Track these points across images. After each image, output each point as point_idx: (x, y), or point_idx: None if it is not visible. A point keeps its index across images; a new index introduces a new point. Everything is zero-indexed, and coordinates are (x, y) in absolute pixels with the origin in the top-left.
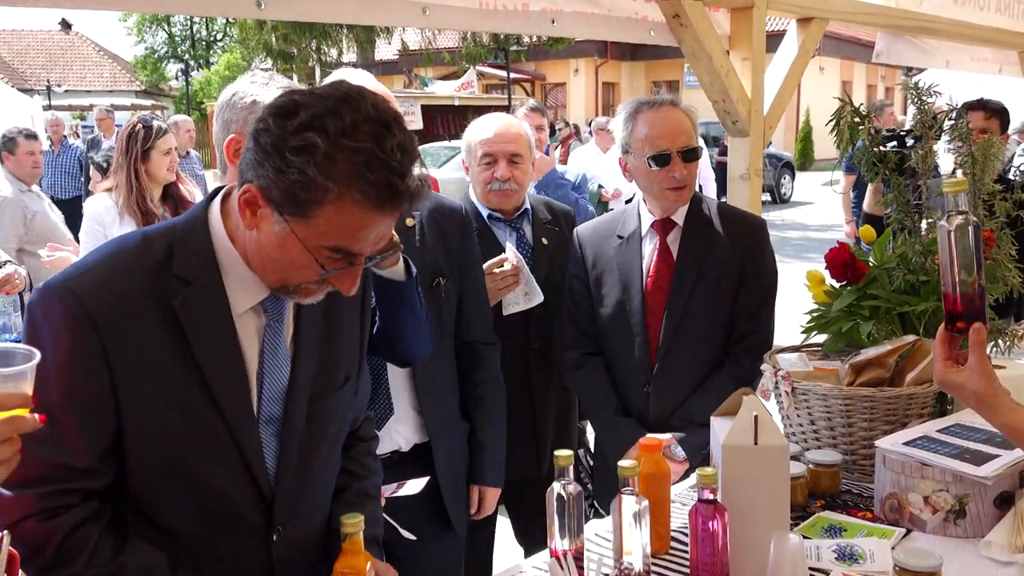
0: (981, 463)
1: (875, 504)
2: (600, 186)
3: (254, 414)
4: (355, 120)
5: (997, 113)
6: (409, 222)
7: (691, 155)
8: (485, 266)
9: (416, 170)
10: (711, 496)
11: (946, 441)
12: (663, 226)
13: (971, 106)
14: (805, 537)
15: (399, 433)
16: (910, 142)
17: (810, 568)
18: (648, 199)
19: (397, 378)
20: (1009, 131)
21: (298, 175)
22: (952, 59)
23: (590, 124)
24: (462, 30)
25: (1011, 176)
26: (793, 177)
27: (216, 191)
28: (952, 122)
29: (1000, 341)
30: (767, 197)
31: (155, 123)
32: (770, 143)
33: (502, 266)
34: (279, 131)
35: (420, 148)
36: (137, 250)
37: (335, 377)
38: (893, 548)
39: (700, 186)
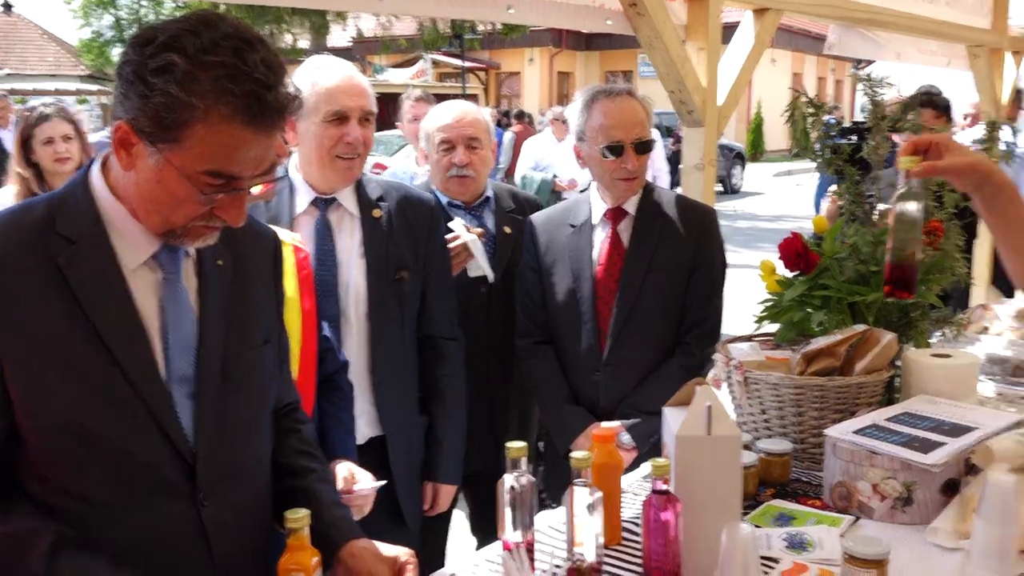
0: (928, 451)
1: (824, 492)
2: (555, 176)
3: (159, 372)
4: (214, 38)
5: (945, 111)
6: (376, 213)
7: (644, 147)
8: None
9: (288, 88)
10: (664, 487)
11: (894, 429)
12: (615, 215)
13: (921, 103)
14: (756, 526)
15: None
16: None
17: (761, 557)
18: (600, 188)
19: (354, 371)
20: (955, 119)
21: (161, 96)
22: (903, 52)
23: (543, 114)
24: (418, 16)
25: None
26: (744, 168)
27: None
28: (905, 115)
29: (946, 331)
30: (718, 187)
31: (39, 110)
32: (722, 133)
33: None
34: (139, 58)
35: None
36: (14, 214)
37: (250, 335)
38: (842, 536)
39: (654, 176)
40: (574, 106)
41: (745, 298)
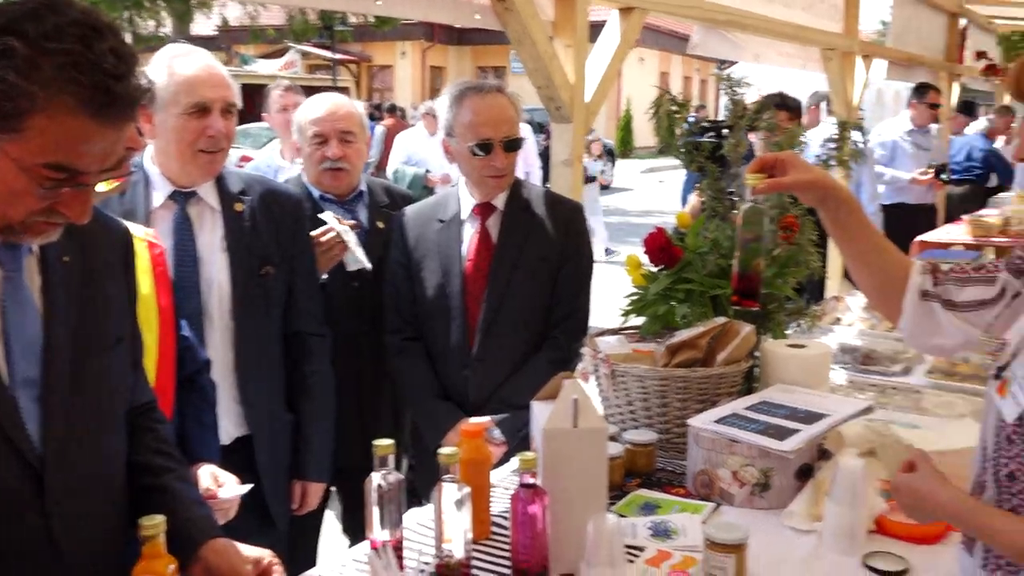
0: (784, 438)
1: (688, 480)
2: (427, 171)
3: (1, 375)
4: (59, 23)
5: (797, 111)
6: (239, 207)
7: (513, 145)
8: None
9: (140, 79)
10: (531, 480)
11: (752, 418)
12: (483, 210)
13: (776, 105)
14: (621, 515)
15: (219, 426)
16: (723, 132)
17: (627, 546)
18: (468, 184)
19: (218, 370)
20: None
21: None
22: (761, 54)
23: (416, 108)
24: (286, 6)
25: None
26: (614, 164)
27: None
28: (760, 115)
29: (801, 322)
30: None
31: None
32: (593, 130)
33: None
34: None
35: (241, 128)
36: None
37: (101, 335)
38: (704, 522)
39: (527, 172)
40: (442, 101)
41: (615, 292)
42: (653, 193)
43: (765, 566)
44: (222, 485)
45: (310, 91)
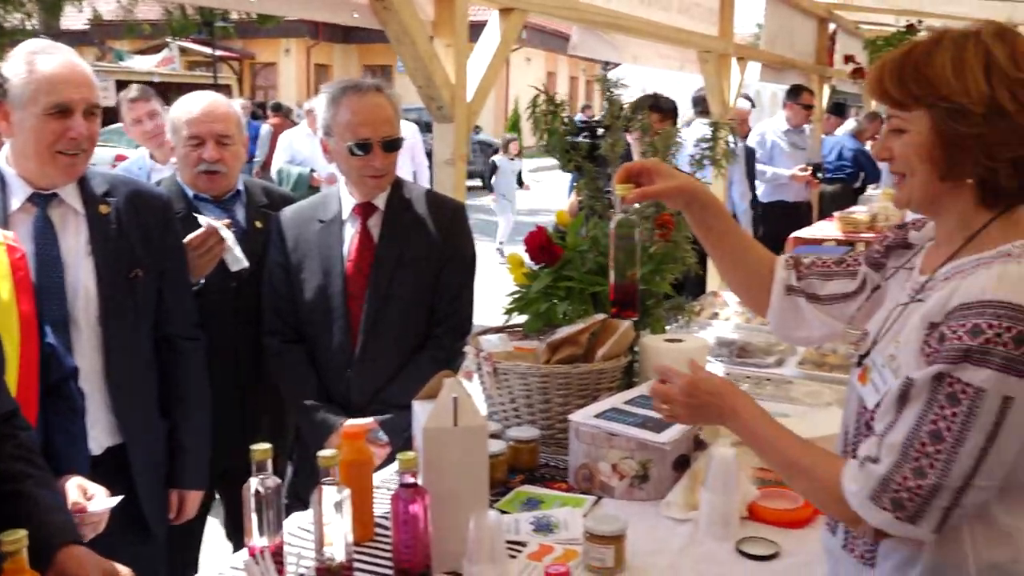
0: (661, 430)
1: (570, 475)
2: (312, 170)
3: None
4: None
5: (670, 113)
6: (104, 209)
7: (392, 145)
8: (185, 241)
9: None
10: (411, 480)
11: (631, 411)
12: (364, 210)
13: (650, 106)
14: (504, 512)
15: (90, 436)
16: (600, 132)
17: (509, 541)
18: (348, 184)
19: (87, 378)
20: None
21: None
22: (639, 55)
23: (301, 107)
24: (160, 1)
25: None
26: None
27: None
28: (635, 116)
29: (679, 317)
30: (478, 183)
31: None
32: (480, 129)
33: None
34: None
35: (116, 127)
36: None
37: None
38: (585, 515)
39: (414, 171)
40: (320, 100)
41: (498, 291)
42: (541, 192)
43: (643, 555)
44: (91, 497)
45: (189, 88)
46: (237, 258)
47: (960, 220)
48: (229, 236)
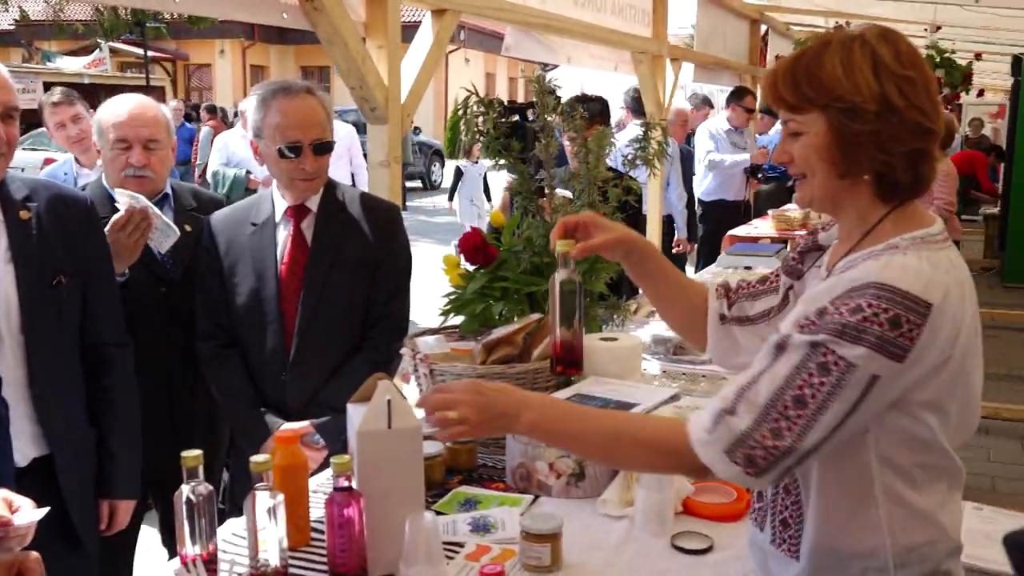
0: None
1: (507, 474)
2: (248, 172)
3: None
4: None
5: (598, 114)
6: (24, 214)
7: (323, 148)
8: (107, 228)
9: None
10: (346, 483)
11: None
12: (297, 212)
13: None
14: (442, 513)
15: (14, 448)
16: (530, 116)
17: (447, 542)
18: (280, 186)
19: (10, 388)
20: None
21: None
22: (573, 56)
23: (237, 108)
24: (84, 1)
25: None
26: (443, 164)
27: None
28: (571, 116)
29: (615, 316)
30: (419, 184)
31: None
32: (420, 131)
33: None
34: None
35: (43, 131)
36: None
37: None
38: (522, 515)
39: (352, 174)
40: (250, 102)
41: (434, 292)
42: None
43: (580, 552)
44: (17, 510)
45: (121, 90)
46: (167, 232)
47: (859, 216)
48: (155, 210)
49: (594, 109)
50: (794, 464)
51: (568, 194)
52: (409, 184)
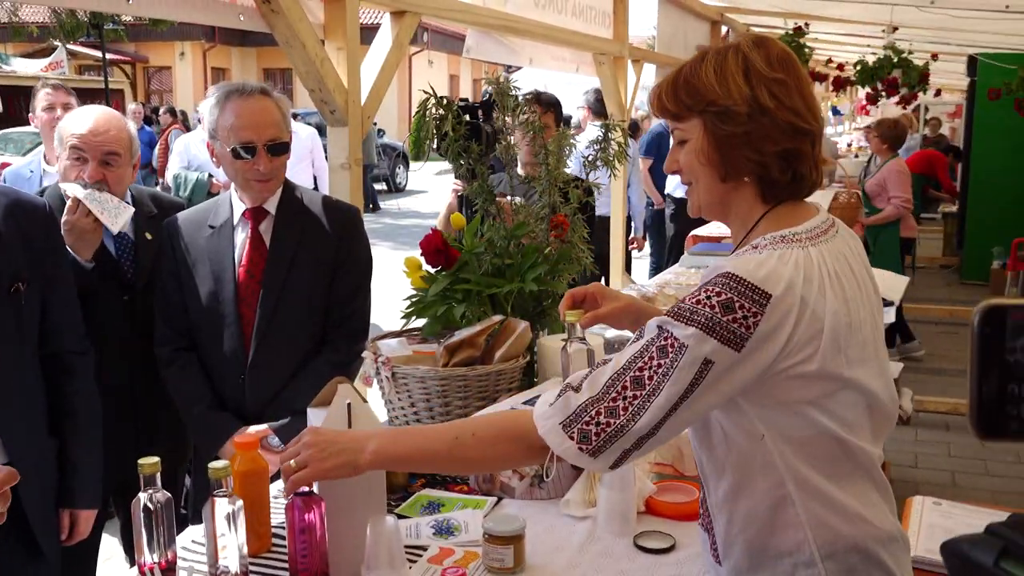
0: None
1: (470, 477)
2: (210, 175)
3: None
4: None
5: (552, 107)
6: None
7: (278, 148)
8: (62, 222)
9: None
10: (307, 488)
11: None
12: (255, 214)
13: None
14: (405, 516)
15: None
16: (480, 114)
17: (410, 546)
18: (236, 188)
19: None
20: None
21: None
22: (535, 57)
23: (198, 111)
24: (39, 3)
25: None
26: (407, 167)
27: None
28: (524, 113)
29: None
30: (383, 186)
31: None
32: (384, 133)
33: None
34: None
35: (0, 133)
36: None
37: None
38: (485, 517)
39: (315, 177)
40: (207, 103)
41: (396, 294)
42: (447, 195)
43: (543, 553)
44: None
45: (80, 93)
46: (118, 209)
47: (743, 219)
48: (98, 199)
49: (544, 102)
50: (631, 447)
51: (518, 199)
52: (376, 186)
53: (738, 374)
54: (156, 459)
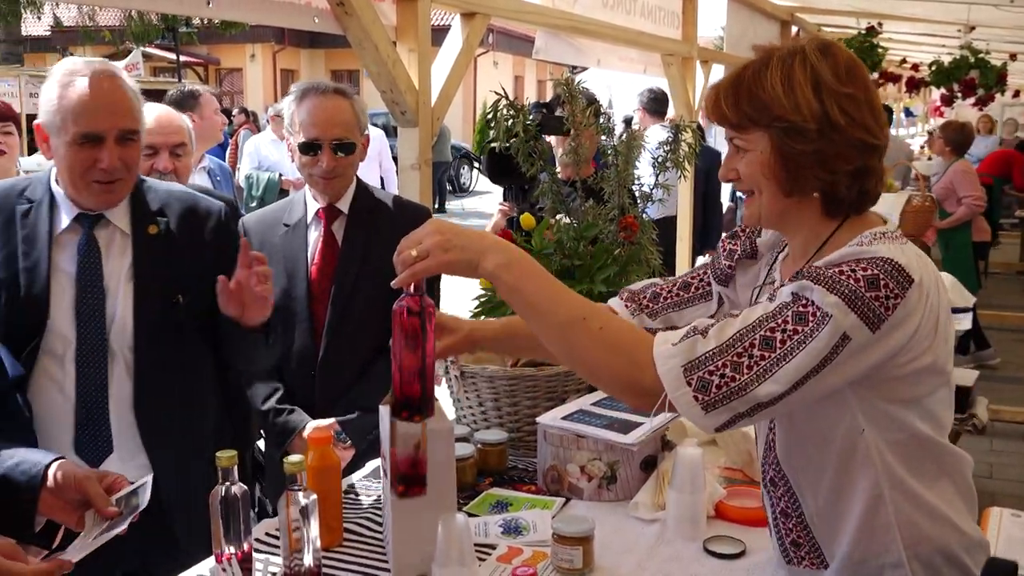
0: (628, 431)
1: (538, 477)
2: (281, 174)
3: None
4: None
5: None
6: (153, 229)
7: (343, 148)
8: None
9: None
10: (420, 289)
11: (598, 413)
12: (328, 213)
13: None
14: (473, 515)
15: (117, 468)
16: (559, 111)
17: (478, 544)
18: (309, 186)
19: (117, 404)
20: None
21: None
22: (603, 59)
23: (268, 111)
24: (114, 6)
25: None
26: (472, 168)
27: None
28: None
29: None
30: (448, 187)
31: None
32: (437, 134)
33: None
34: None
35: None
36: None
37: None
38: (553, 517)
39: (381, 178)
40: (288, 98)
41: (464, 295)
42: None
43: (612, 555)
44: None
45: (157, 95)
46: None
47: (810, 232)
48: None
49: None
50: (745, 412)
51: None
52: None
53: (867, 357)
54: (233, 452)
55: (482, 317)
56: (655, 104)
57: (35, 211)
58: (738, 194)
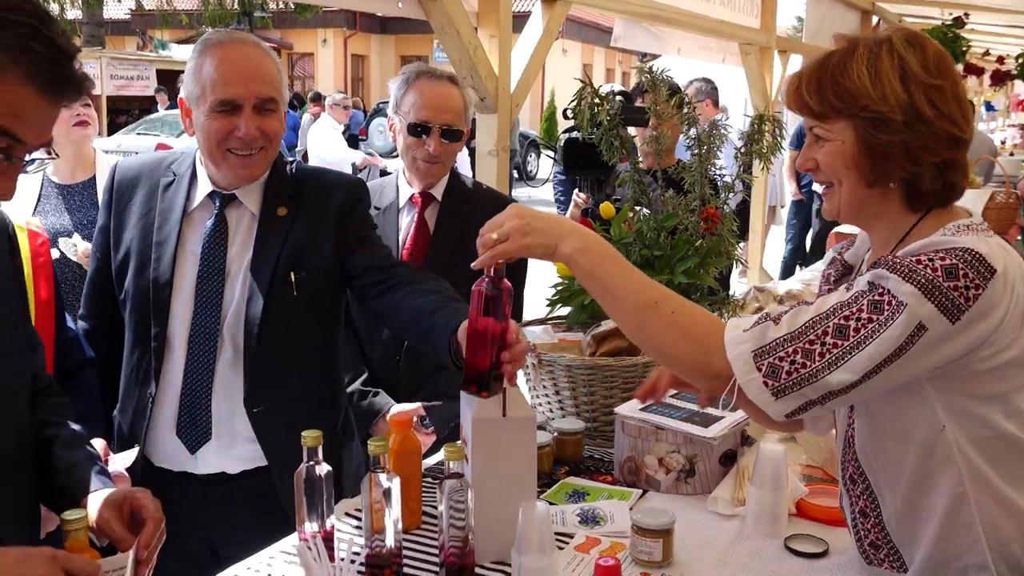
0: (708, 425)
1: (615, 468)
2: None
3: None
4: (14, 1)
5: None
6: (282, 211)
7: (451, 135)
8: None
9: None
10: (499, 272)
11: (677, 405)
12: (422, 200)
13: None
14: (551, 503)
15: (232, 456)
16: (638, 101)
17: (556, 533)
18: (406, 171)
19: (224, 391)
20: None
21: None
22: (683, 47)
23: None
24: None
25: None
26: (539, 155)
27: None
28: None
29: (724, 311)
30: (515, 174)
31: None
32: (515, 121)
33: None
34: None
35: (157, 116)
36: None
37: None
38: (631, 509)
39: (456, 163)
40: (397, 80)
41: (541, 283)
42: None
43: (691, 550)
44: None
45: None
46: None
47: (890, 224)
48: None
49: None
50: (816, 400)
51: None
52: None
53: (945, 348)
54: (318, 432)
55: (559, 305)
56: (716, 94)
57: (176, 185)
58: (815, 187)
